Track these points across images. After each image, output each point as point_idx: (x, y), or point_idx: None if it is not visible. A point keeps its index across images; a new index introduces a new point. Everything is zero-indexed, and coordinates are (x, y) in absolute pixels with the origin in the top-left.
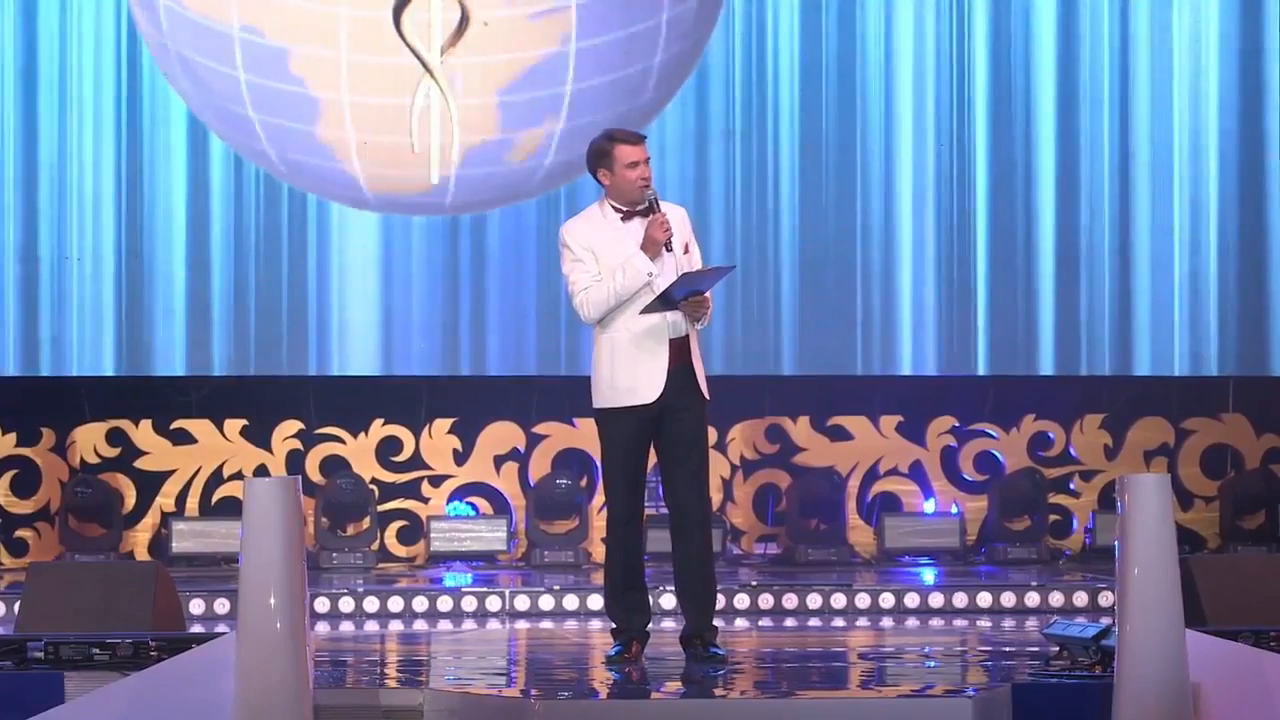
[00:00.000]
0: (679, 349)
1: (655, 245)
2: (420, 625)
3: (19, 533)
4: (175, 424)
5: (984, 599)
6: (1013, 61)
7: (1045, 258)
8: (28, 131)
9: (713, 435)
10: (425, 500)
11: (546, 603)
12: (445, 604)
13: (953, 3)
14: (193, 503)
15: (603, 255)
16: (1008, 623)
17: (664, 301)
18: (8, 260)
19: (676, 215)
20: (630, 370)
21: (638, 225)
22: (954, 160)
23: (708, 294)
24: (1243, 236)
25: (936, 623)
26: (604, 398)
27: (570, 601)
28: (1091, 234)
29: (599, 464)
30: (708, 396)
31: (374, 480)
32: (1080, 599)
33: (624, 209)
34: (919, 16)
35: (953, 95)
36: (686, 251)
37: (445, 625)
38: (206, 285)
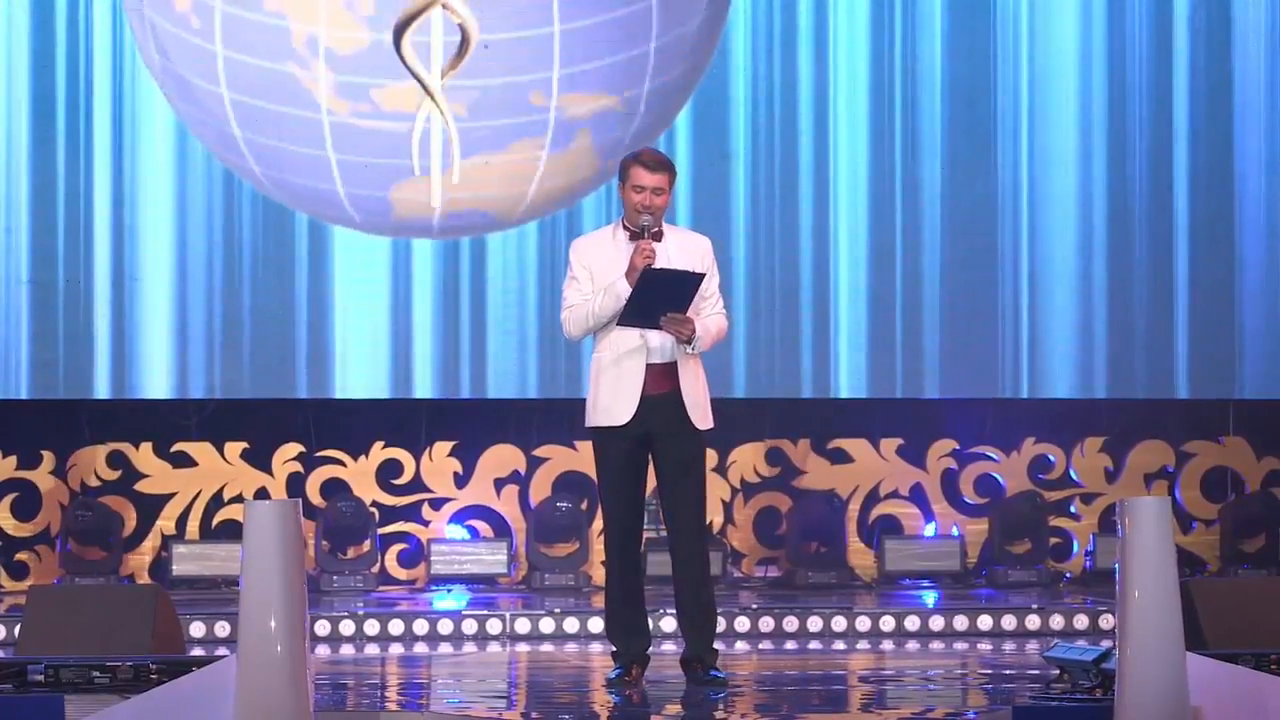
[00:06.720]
0: (662, 374)
1: (634, 271)
2: (421, 648)
3: (19, 556)
4: (175, 447)
5: (984, 622)
6: (1003, 82)
7: (1043, 280)
8: (21, 155)
9: (713, 458)
10: (426, 523)
11: (547, 626)
12: (446, 627)
13: (931, 30)
14: (193, 525)
15: (599, 275)
16: (1008, 645)
17: (638, 314)
18: (11, 284)
19: (690, 245)
20: (610, 391)
21: None
22: (951, 183)
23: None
24: (1246, 261)
25: (937, 645)
26: (590, 417)
27: (571, 624)
28: (1089, 256)
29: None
30: (701, 426)
31: (374, 503)
32: (1081, 622)
33: (633, 230)
34: (885, 46)
35: (952, 117)
36: None
37: (446, 648)
38: (208, 308)
